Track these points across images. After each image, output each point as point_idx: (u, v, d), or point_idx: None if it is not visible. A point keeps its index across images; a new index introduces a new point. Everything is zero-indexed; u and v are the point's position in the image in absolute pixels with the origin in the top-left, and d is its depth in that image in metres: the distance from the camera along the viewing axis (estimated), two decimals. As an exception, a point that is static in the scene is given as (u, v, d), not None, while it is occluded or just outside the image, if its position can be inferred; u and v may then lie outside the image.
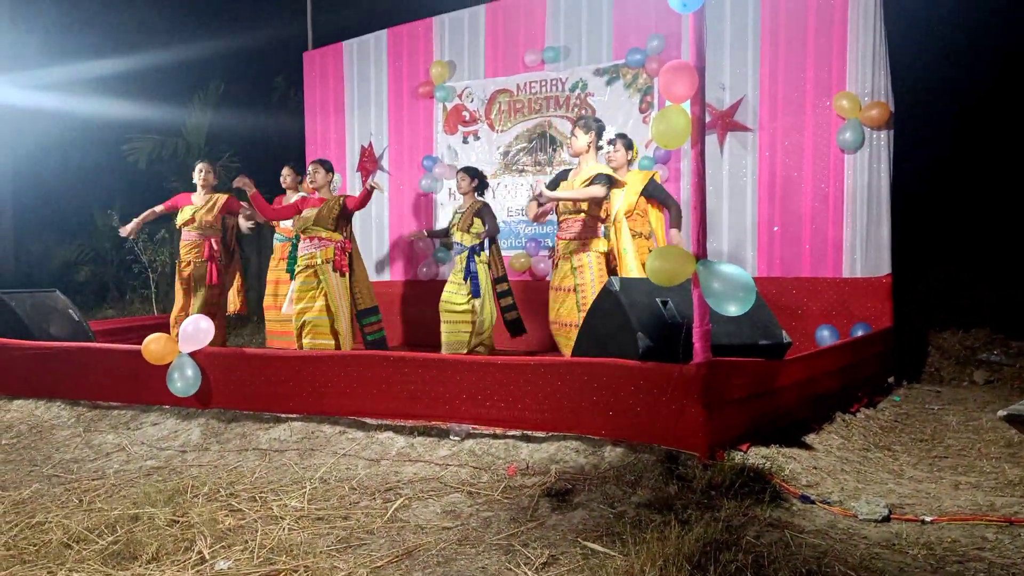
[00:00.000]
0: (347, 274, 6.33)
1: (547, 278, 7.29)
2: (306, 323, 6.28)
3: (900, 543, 3.00)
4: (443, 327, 6.72)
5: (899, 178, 6.58)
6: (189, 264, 7.00)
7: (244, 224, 7.27)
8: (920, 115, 7.61)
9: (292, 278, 6.96)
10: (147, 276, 11.19)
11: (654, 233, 6.02)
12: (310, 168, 6.55)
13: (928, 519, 3.24)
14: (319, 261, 6.28)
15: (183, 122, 12.80)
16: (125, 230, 7.08)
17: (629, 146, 6.09)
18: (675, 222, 6.02)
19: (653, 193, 6.00)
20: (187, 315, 6.43)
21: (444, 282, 8.08)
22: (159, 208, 7.16)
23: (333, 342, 6.26)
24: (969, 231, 8.63)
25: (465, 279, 6.59)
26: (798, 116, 6.76)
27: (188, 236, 7.07)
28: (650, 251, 5.92)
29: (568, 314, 5.60)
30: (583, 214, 5.61)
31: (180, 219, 7.09)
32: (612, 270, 5.67)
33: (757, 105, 6.93)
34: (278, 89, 14.05)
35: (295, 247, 6.98)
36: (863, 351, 5.76)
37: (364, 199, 6.31)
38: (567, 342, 5.49)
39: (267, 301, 7.40)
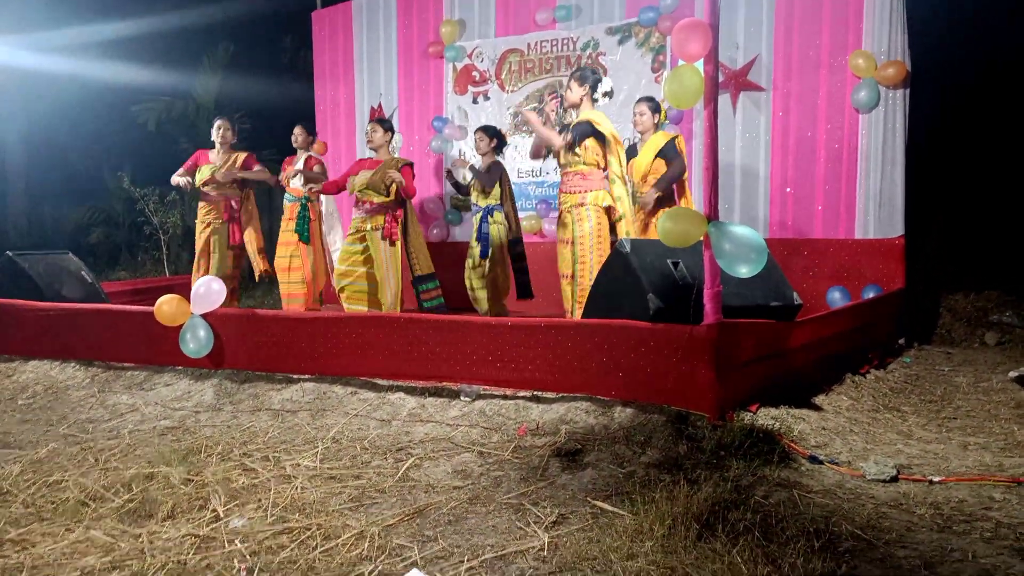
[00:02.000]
0: (397, 242, 6.17)
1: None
2: (344, 288, 6.22)
3: (907, 503, 3.02)
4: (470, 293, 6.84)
5: (914, 138, 6.50)
6: (208, 226, 6.99)
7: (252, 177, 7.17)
8: (937, 74, 7.50)
9: (301, 240, 6.98)
10: (158, 238, 11.22)
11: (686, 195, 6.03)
12: (368, 128, 6.37)
13: (936, 479, 3.25)
14: (368, 228, 6.15)
15: (193, 84, 12.76)
16: (177, 182, 7.07)
17: (655, 109, 6.04)
18: (661, 180, 5.88)
19: (664, 152, 5.94)
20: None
21: (455, 243, 8.11)
22: (180, 171, 7.11)
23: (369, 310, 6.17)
24: (984, 192, 8.54)
25: (478, 239, 6.59)
26: (813, 75, 6.67)
27: (207, 196, 7.03)
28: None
29: (564, 265, 5.52)
30: (581, 167, 5.43)
31: (199, 178, 7.04)
32: (613, 226, 5.56)
33: (771, 64, 6.84)
34: (287, 50, 13.96)
35: (304, 207, 6.99)
36: (874, 313, 5.75)
37: (413, 189, 6.19)
38: (567, 295, 5.51)
39: (278, 263, 7.40)
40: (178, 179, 7.06)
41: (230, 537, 2.91)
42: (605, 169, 5.47)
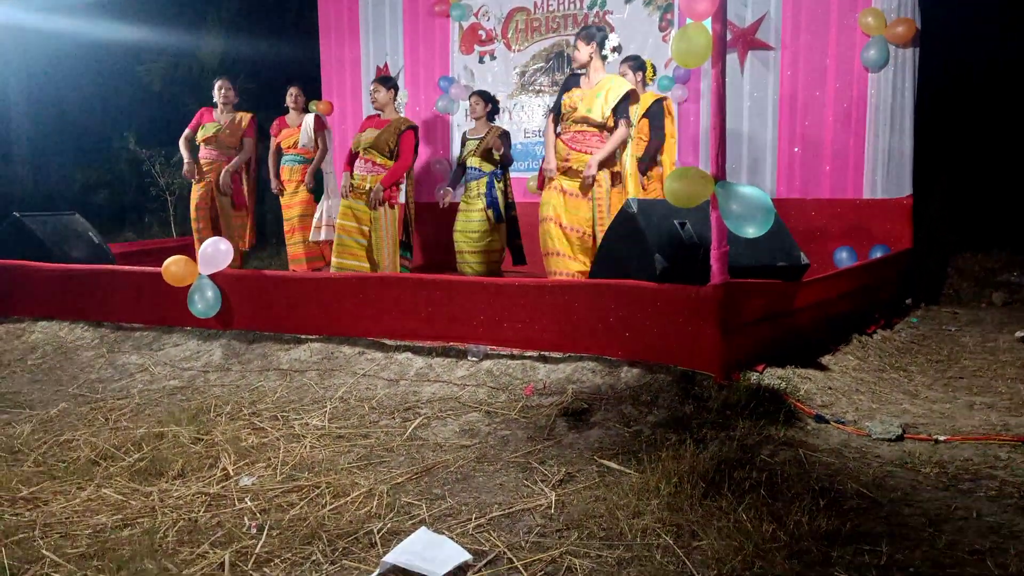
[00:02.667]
0: (396, 205, 6.15)
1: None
2: (339, 241, 6.16)
3: (913, 462, 3.04)
4: (460, 258, 6.59)
5: (923, 97, 6.43)
6: (206, 183, 6.98)
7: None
8: (945, 31, 7.38)
9: (316, 200, 7.00)
10: (165, 199, 11.21)
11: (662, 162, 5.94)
12: (371, 87, 6.32)
13: (941, 438, 3.27)
14: (367, 186, 6.10)
15: (197, 43, 12.64)
16: (188, 173, 7.05)
17: (638, 68, 5.93)
18: (644, 157, 5.81)
19: (650, 115, 5.88)
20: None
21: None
22: (188, 133, 7.09)
23: (361, 265, 6.13)
24: (993, 152, 8.45)
25: (488, 206, 6.50)
26: (821, 34, 6.58)
27: (207, 153, 7.02)
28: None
29: (583, 223, 5.22)
30: (597, 127, 5.16)
31: (201, 135, 7.02)
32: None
33: (779, 23, 6.74)
34: (292, 9, 13.78)
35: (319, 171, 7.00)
36: (881, 273, 5.73)
37: (401, 172, 6.14)
38: (579, 250, 5.24)
39: (286, 227, 7.40)
40: (187, 163, 7.04)
41: (240, 495, 2.95)
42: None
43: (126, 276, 5.64)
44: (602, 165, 5.13)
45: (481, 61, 8.25)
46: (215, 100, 7.06)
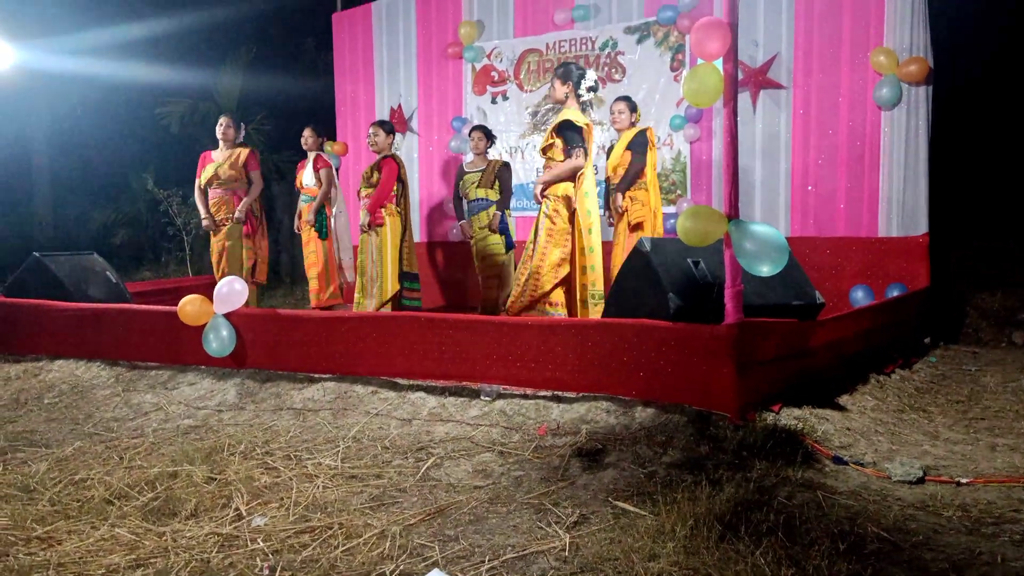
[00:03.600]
0: (382, 228, 6.47)
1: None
2: (359, 281, 6.62)
3: (934, 505, 2.99)
4: (484, 285, 6.91)
5: (937, 134, 6.43)
6: (223, 221, 7.06)
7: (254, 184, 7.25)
8: (960, 69, 7.42)
9: (321, 236, 7.14)
10: (182, 238, 11.31)
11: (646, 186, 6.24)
12: (370, 131, 6.76)
13: (963, 481, 3.21)
14: (363, 222, 6.52)
15: (215, 85, 12.84)
16: (207, 227, 7.20)
17: (633, 108, 6.36)
18: (621, 183, 6.19)
19: (632, 145, 6.21)
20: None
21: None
22: (198, 183, 7.25)
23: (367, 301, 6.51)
24: (1010, 188, 8.43)
25: (501, 233, 6.70)
26: (833, 73, 6.62)
27: (214, 194, 7.13)
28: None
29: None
30: (549, 160, 5.43)
31: (203, 179, 7.15)
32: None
33: (791, 62, 6.79)
34: (308, 51, 14.01)
35: (322, 204, 7.17)
36: (898, 312, 5.69)
37: (383, 194, 6.52)
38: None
39: (305, 263, 7.50)
40: (203, 218, 7.21)
41: (252, 536, 2.93)
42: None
43: (142, 315, 5.67)
44: (551, 190, 5.36)
45: (494, 102, 8.33)
46: (217, 136, 7.22)
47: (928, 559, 2.51)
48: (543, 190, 5.38)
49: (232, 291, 5.15)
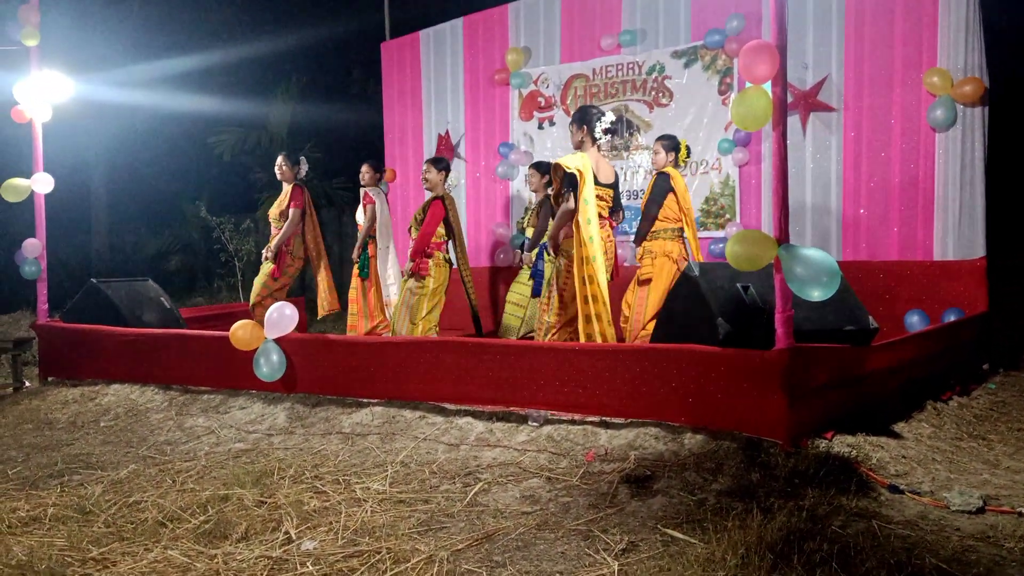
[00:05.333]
0: (426, 278, 6.18)
1: (625, 264, 7.24)
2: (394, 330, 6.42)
3: (995, 535, 2.90)
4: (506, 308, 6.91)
5: (993, 156, 6.28)
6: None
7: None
8: (1017, 89, 7.27)
9: (361, 275, 7.14)
10: (234, 264, 11.53)
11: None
12: (423, 167, 6.51)
13: (1025, 511, 3.11)
14: (407, 267, 6.28)
15: (266, 114, 13.13)
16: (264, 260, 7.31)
17: (671, 148, 6.13)
18: (636, 234, 6.11)
19: (652, 189, 6.12)
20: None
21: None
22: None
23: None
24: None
25: (532, 276, 6.60)
26: (886, 94, 6.52)
27: (273, 230, 7.27)
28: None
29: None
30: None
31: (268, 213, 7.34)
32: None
33: (842, 84, 6.71)
34: (357, 80, 14.28)
35: (364, 248, 7.14)
36: (955, 337, 5.55)
37: (424, 240, 6.23)
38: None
39: (351, 295, 7.53)
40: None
41: (302, 559, 2.95)
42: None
43: (195, 340, 5.78)
44: (553, 240, 5.22)
45: (540, 127, 8.37)
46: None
47: (990, 593, 2.43)
48: (554, 245, 5.24)
49: (282, 316, 5.22)
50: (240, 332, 5.21)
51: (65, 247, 14.49)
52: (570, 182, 5.04)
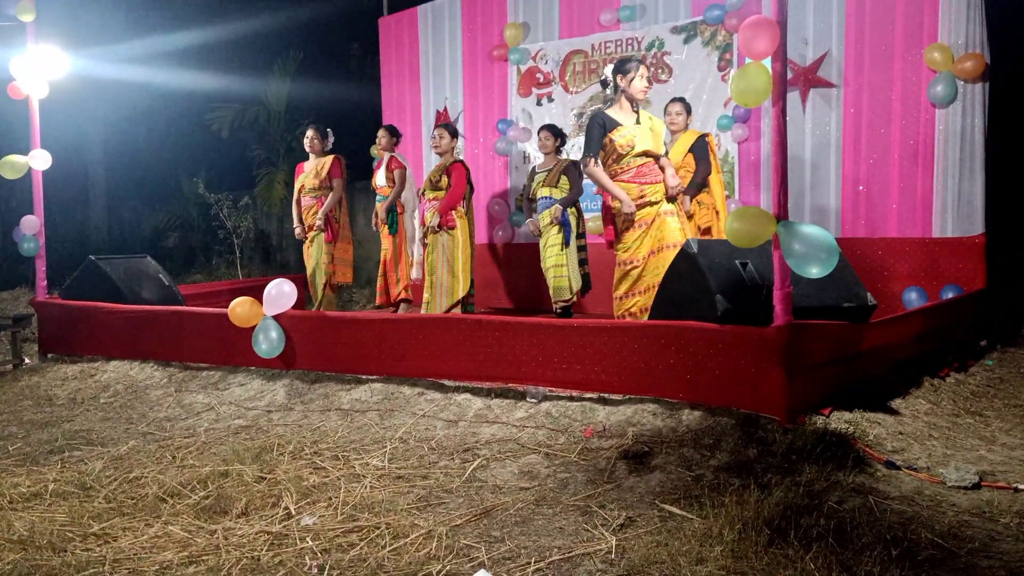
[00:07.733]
0: (454, 230, 6.53)
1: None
2: (432, 282, 6.64)
3: (991, 511, 2.92)
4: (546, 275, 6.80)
5: (994, 132, 6.26)
6: (311, 227, 7.26)
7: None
8: (1018, 65, 7.22)
9: (391, 231, 7.38)
10: (232, 241, 11.50)
11: (710, 190, 6.20)
12: (435, 133, 6.84)
13: (1021, 487, 3.13)
14: (433, 223, 6.55)
15: (264, 90, 13.04)
16: (299, 236, 7.46)
17: (689, 110, 6.41)
18: (689, 187, 6.08)
19: (694, 149, 6.19)
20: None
21: (520, 244, 8.08)
22: (295, 195, 7.50)
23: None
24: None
25: (562, 226, 6.59)
26: (886, 70, 6.49)
27: (306, 203, 7.36)
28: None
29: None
30: (655, 159, 5.27)
31: (297, 187, 7.45)
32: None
33: (842, 60, 6.67)
34: (355, 56, 14.17)
35: (393, 207, 7.29)
36: (953, 314, 5.56)
37: (455, 198, 6.57)
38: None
39: (384, 254, 7.67)
40: (295, 227, 7.49)
41: (302, 534, 2.97)
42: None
43: (194, 317, 5.78)
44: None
45: (539, 103, 8.33)
46: (307, 150, 7.45)
47: (984, 566, 2.45)
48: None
49: (281, 293, 5.22)
50: (239, 309, 5.21)
51: (63, 224, 14.46)
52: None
